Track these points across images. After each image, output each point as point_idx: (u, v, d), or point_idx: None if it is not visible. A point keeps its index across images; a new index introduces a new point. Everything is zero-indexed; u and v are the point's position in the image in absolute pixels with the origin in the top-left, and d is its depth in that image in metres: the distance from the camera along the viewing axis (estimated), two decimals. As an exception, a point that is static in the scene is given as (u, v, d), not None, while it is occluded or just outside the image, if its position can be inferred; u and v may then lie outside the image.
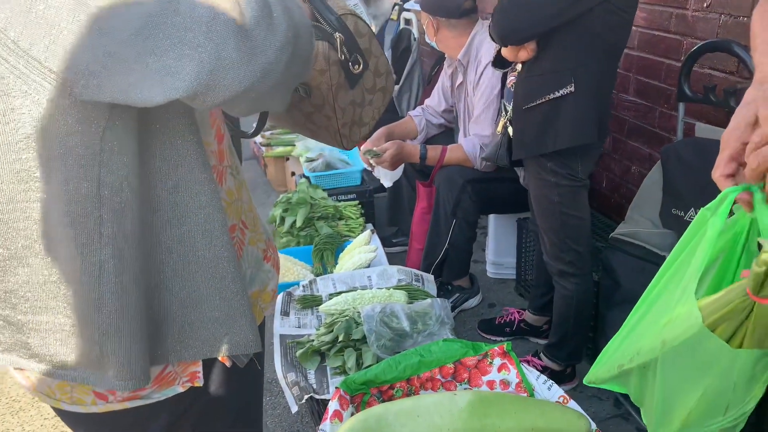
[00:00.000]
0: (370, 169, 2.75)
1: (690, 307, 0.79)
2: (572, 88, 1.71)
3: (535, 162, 1.85)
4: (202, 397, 0.82)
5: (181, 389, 0.78)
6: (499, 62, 1.89)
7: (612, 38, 1.74)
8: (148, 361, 0.70)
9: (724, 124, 1.91)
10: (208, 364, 0.80)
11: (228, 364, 0.80)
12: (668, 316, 0.86)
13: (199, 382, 0.78)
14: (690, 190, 1.80)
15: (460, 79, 2.48)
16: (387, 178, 2.65)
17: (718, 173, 0.79)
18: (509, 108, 1.89)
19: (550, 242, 1.91)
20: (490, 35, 1.82)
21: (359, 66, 0.93)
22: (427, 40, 2.60)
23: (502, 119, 1.92)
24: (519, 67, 1.82)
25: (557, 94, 1.73)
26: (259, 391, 0.97)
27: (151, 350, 0.71)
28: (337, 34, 0.87)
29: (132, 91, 0.58)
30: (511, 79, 1.89)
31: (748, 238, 0.83)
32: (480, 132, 2.37)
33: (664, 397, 0.96)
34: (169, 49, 0.58)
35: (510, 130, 1.89)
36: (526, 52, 1.74)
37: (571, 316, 1.96)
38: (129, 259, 0.65)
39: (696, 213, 1.72)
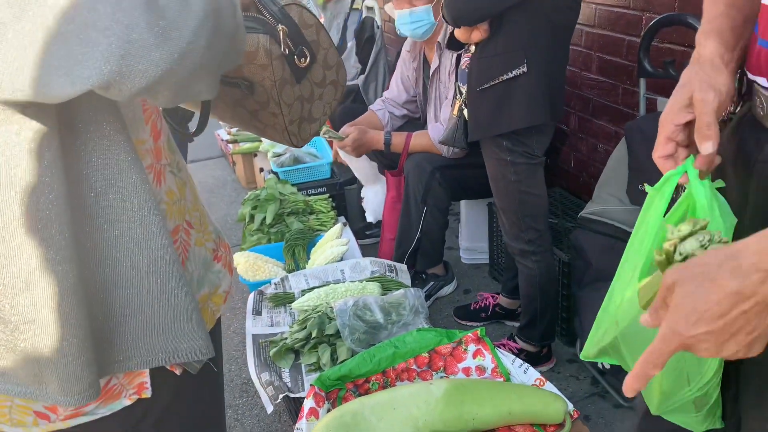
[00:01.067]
0: (340, 161, 2.74)
1: (634, 289, 0.80)
2: (524, 69, 1.73)
3: (491, 142, 1.86)
4: (155, 408, 0.78)
5: (128, 402, 0.75)
6: (453, 44, 1.89)
7: (562, 19, 1.78)
8: (96, 372, 0.66)
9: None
10: (158, 373, 0.76)
11: (178, 372, 0.76)
12: (621, 296, 0.87)
13: (147, 393, 0.75)
14: (655, 164, 1.81)
15: (436, 64, 2.44)
16: (371, 212, 2.72)
17: (657, 155, 0.81)
18: (464, 90, 1.88)
19: (510, 222, 1.91)
20: (442, 16, 1.80)
21: (305, 59, 0.89)
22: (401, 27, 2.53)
23: (457, 101, 1.91)
24: (472, 48, 1.81)
25: (510, 75, 1.74)
26: (219, 395, 0.93)
27: (95, 361, 0.67)
28: (280, 26, 0.84)
29: (38, 86, 0.54)
30: (465, 60, 1.89)
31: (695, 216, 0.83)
32: (448, 115, 2.35)
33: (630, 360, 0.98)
34: (73, 34, 0.53)
35: (465, 112, 1.89)
36: (479, 33, 1.74)
37: (537, 295, 1.96)
38: (58, 270, 0.61)
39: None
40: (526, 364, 1.66)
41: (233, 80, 0.89)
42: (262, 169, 3.59)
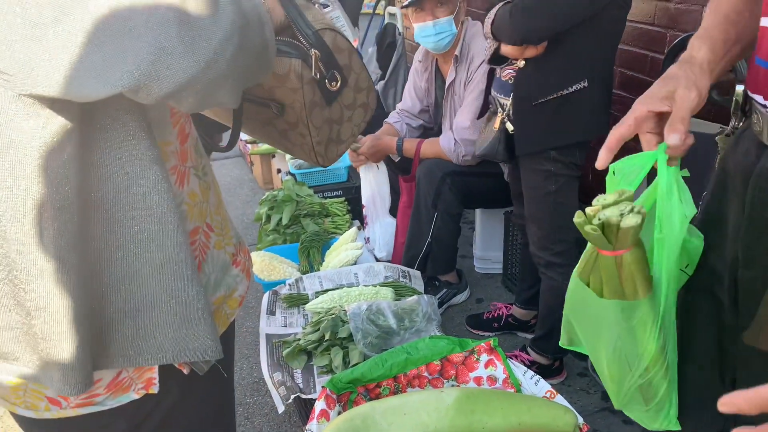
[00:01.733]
0: (355, 166, 2.75)
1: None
2: (585, 83, 1.75)
3: (537, 153, 1.86)
4: (162, 405, 0.79)
5: (136, 396, 0.76)
6: (496, 59, 1.88)
7: (616, 31, 1.79)
8: (91, 366, 0.67)
9: (706, 116, 1.92)
10: (167, 371, 0.77)
11: (186, 371, 0.77)
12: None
13: (155, 389, 0.76)
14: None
15: (452, 77, 2.46)
16: (381, 248, 2.75)
17: (617, 130, 0.86)
18: (506, 103, 1.87)
19: (540, 233, 1.91)
20: (491, 34, 1.80)
21: (336, 83, 0.91)
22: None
23: (498, 116, 1.90)
24: (521, 63, 1.81)
25: (571, 90, 1.76)
26: (229, 397, 0.93)
27: (98, 354, 0.69)
28: (313, 51, 0.85)
29: (71, 86, 0.56)
30: (508, 72, 1.88)
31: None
32: (460, 124, 2.37)
33: (590, 353, 1.02)
34: (108, 40, 0.56)
35: (508, 125, 1.88)
36: (535, 50, 1.75)
37: (557, 308, 1.95)
38: (71, 259, 0.62)
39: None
40: (538, 376, 1.66)
41: (265, 101, 0.91)
42: (279, 170, 3.62)
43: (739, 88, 0.91)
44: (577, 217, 0.81)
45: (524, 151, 1.87)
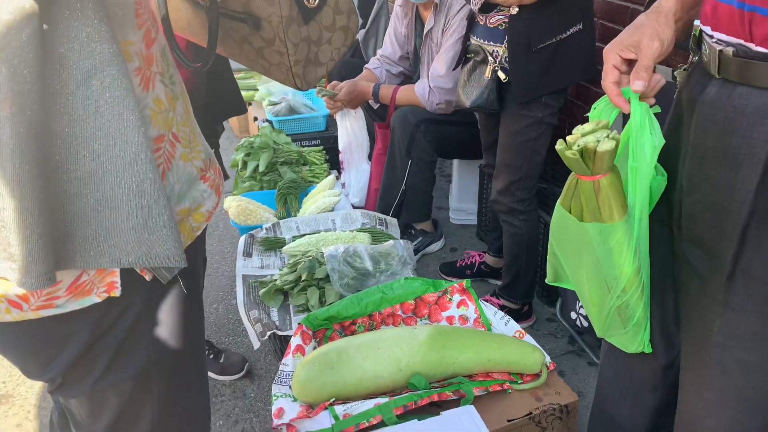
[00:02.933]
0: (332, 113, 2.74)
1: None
2: (581, 26, 1.77)
3: (531, 101, 1.87)
4: (125, 318, 0.79)
5: (97, 299, 0.75)
6: (485, 6, 1.86)
7: None
8: (53, 260, 0.67)
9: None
10: (130, 280, 0.77)
11: (148, 277, 0.78)
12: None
13: (116, 293, 0.76)
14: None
15: (430, 24, 2.44)
16: (355, 194, 2.77)
17: (607, 81, 0.93)
18: (496, 50, 1.86)
19: (509, 180, 1.94)
20: None
21: (315, 0, 0.90)
22: None
23: (489, 65, 1.89)
24: (514, 10, 1.80)
25: (569, 33, 1.77)
26: (197, 315, 0.92)
27: (60, 252, 0.68)
28: None
29: None
30: (498, 19, 1.86)
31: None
32: (435, 71, 2.36)
33: (573, 280, 1.09)
34: None
35: (500, 74, 1.87)
36: None
37: (521, 254, 2.01)
38: (31, 149, 0.61)
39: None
40: (508, 317, 1.72)
41: (240, 15, 0.89)
42: (256, 119, 3.57)
43: (697, 23, 0.94)
44: (559, 145, 0.88)
45: (520, 98, 1.86)
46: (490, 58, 1.88)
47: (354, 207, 2.66)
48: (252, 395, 1.82)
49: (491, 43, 1.87)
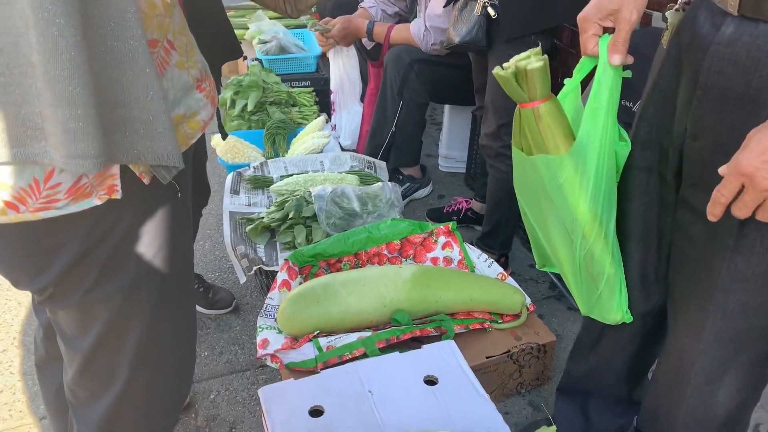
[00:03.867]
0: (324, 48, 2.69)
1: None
2: None
3: (518, 38, 1.84)
4: (115, 231, 0.79)
5: (98, 201, 0.75)
6: None
7: None
8: (103, 142, 0.68)
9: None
10: (128, 180, 0.77)
11: (146, 180, 0.78)
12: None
13: (117, 195, 0.76)
14: (643, 81, 1.84)
15: None
16: (346, 136, 2.72)
17: (586, 51, 0.98)
18: None
19: (498, 122, 1.93)
20: None
21: None
22: None
23: (479, 1, 1.85)
24: None
25: None
26: (185, 234, 0.92)
27: (96, 137, 0.68)
28: None
29: None
30: None
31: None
32: (432, 10, 2.31)
33: (542, 235, 1.13)
34: None
35: (490, 10, 1.84)
36: None
37: (505, 200, 2.01)
38: (59, 20, 0.62)
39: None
40: (491, 260, 1.75)
41: None
42: (245, 57, 3.49)
43: None
44: (496, 70, 0.94)
45: (508, 35, 1.84)
46: None
47: (345, 150, 2.65)
48: (237, 328, 1.85)
49: None
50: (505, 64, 0.95)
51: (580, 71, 1.01)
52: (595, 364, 1.31)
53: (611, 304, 1.09)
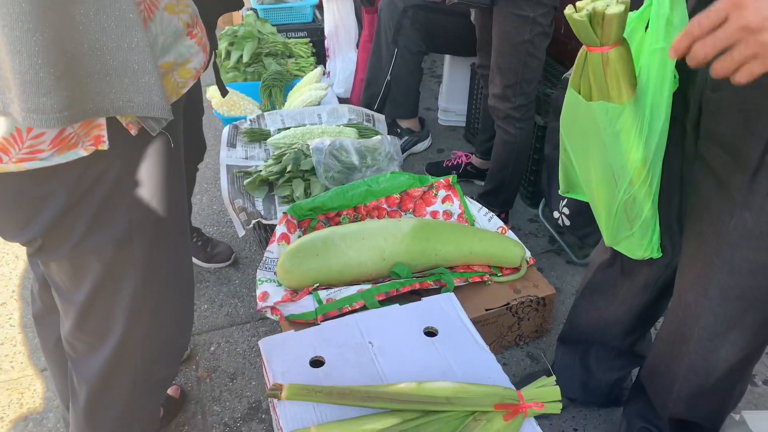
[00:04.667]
0: None
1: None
2: None
3: None
4: (103, 180, 0.77)
5: (84, 153, 0.73)
6: None
7: None
8: (65, 99, 0.64)
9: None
10: (113, 135, 0.74)
11: (134, 131, 0.75)
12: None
13: (104, 146, 0.74)
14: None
15: None
16: (340, 84, 2.60)
17: None
18: None
19: (504, 83, 1.89)
20: None
21: None
22: None
23: None
24: None
25: None
26: (177, 180, 0.90)
27: (59, 92, 0.65)
28: None
29: None
30: None
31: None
32: None
33: (582, 177, 1.06)
34: None
35: None
36: None
37: (510, 162, 1.99)
38: None
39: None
40: (491, 213, 1.73)
41: None
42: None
43: None
44: (568, 9, 0.83)
45: None
46: None
47: (339, 98, 2.60)
48: (236, 281, 1.85)
49: None
50: (578, 4, 0.84)
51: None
52: (602, 314, 1.30)
53: (642, 243, 1.07)
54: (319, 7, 2.99)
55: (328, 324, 1.20)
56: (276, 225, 1.61)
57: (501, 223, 1.69)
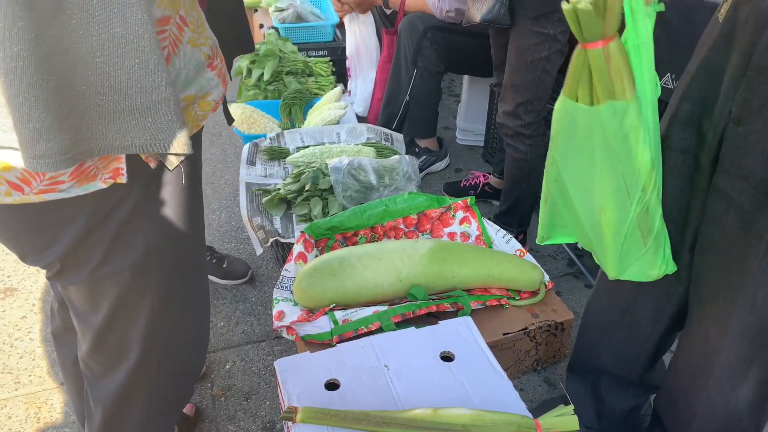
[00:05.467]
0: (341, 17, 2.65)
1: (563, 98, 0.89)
2: None
3: (542, 15, 1.77)
4: (122, 208, 0.78)
5: (102, 185, 0.74)
6: None
7: None
8: (67, 142, 0.65)
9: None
10: (134, 165, 0.75)
11: (153, 165, 0.76)
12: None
13: (123, 179, 0.75)
14: (669, 52, 1.77)
15: None
16: (359, 104, 2.61)
17: None
18: None
19: (516, 101, 1.88)
20: None
21: None
22: None
23: None
24: None
25: None
26: (195, 208, 0.90)
27: (64, 134, 0.66)
28: None
29: None
30: None
31: None
32: None
33: (578, 202, 1.01)
34: None
35: None
36: None
37: (523, 180, 1.98)
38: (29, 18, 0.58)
39: (672, 79, 1.69)
40: (510, 236, 1.72)
41: None
42: (262, 26, 3.45)
43: None
44: (564, 4, 0.81)
45: (533, 12, 1.78)
46: None
47: (358, 116, 2.62)
48: (253, 299, 1.86)
49: None
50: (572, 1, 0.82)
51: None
52: (611, 343, 1.28)
53: (655, 259, 1.03)
54: (340, 26, 3.02)
55: (344, 346, 1.20)
56: (293, 244, 1.61)
57: (519, 246, 1.68)
